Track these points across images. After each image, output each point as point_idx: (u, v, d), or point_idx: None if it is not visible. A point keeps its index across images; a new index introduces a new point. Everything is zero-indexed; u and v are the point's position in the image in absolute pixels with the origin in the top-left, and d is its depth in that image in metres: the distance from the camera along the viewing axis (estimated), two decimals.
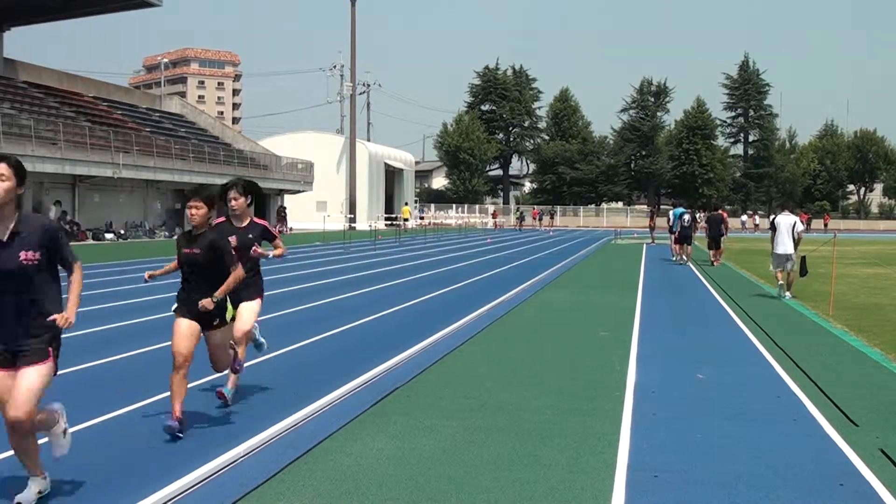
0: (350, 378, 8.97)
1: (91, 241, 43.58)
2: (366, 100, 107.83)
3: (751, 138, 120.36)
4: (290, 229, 65.17)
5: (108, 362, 9.91)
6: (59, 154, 41.69)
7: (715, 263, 28.89)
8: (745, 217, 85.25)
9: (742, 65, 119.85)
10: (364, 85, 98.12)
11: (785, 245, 18.42)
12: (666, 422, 7.49)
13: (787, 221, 18.65)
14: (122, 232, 47.65)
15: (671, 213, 32.46)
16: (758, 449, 6.65)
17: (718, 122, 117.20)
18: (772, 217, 21.27)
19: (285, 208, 67.11)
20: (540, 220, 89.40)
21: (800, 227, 18.70)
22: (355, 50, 77.64)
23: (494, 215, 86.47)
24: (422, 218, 77.05)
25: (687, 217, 29.88)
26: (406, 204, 78.83)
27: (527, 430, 7.12)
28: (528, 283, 21.18)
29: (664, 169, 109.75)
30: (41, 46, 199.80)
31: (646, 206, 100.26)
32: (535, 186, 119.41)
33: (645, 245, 43.93)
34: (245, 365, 9.62)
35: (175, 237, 48.90)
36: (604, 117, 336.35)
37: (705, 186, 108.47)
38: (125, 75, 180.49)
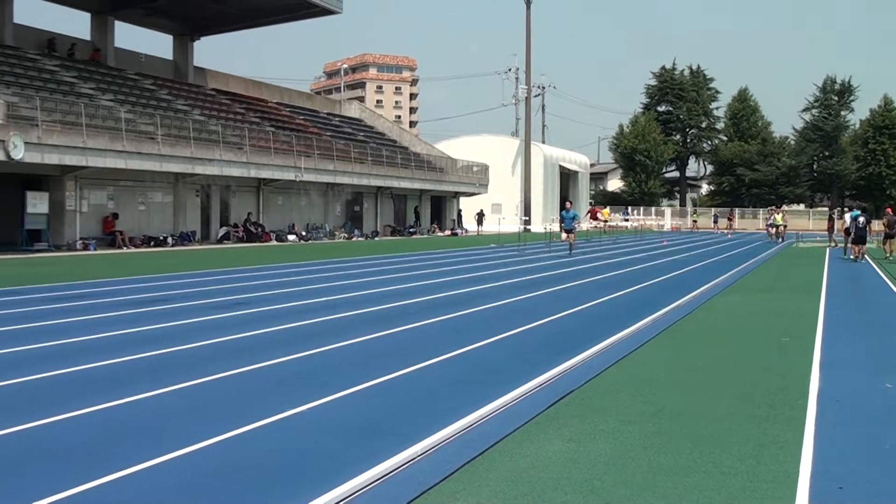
0: (526, 379, 8.99)
1: (275, 243, 45.18)
2: (541, 102, 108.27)
3: None
4: (466, 231, 65.85)
5: (298, 358, 10.23)
6: (244, 158, 43.34)
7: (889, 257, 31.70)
8: None
9: None
10: (539, 87, 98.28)
11: None
12: (851, 431, 7.23)
13: None
14: (304, 233, 49.18)
15: (847, 215, 36.02)
16: None
17: None
18: None
19: (466, 210, 67.96)
20: (715, 222, 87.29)
21: None
22: (530, 52, 77.84)
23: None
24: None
25: (862, 219, 31.70)
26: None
27: (705, 436, 7.00)
28: (705, 286, 20.73)
29: (848, 170, 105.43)
30: (228, 55, 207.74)
31: (827, 209, 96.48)
32: (713, 188, 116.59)
33: (828, 248, 42.49)
34: (423, 364, 9.82)
35: (353, 238, 50.10)
36: (784, 117, 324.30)
37: (893, 188, 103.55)
38: (307, 81, 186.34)
